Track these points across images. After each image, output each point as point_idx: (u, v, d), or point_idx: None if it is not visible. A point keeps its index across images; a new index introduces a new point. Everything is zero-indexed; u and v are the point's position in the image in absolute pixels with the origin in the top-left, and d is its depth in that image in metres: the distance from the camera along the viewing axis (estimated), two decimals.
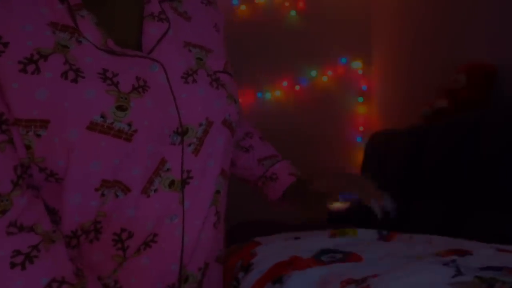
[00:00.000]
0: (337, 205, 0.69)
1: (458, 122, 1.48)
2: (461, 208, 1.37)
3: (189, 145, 0.55)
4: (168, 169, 0.54)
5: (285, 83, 2.47)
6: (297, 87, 2.49)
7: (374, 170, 2.03)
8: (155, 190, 0.53)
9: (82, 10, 0.52)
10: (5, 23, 0.48)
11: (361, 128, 2.57)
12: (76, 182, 0.50)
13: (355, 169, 2.46)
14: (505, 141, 1.25)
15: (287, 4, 2.47)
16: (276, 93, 2.47)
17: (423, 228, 0.70)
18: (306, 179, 0.73)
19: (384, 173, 1.91)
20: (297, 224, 1.40)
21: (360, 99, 2.58)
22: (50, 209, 0.52)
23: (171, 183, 0.54)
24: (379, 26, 2.51)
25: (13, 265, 0.46)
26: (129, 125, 0.50)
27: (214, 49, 0.63)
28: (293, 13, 2.49)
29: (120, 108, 0.50)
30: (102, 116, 0.49)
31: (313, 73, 2.50)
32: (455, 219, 1.35)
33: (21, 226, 0.48)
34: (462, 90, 1.54)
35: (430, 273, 0.44)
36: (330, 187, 0.66)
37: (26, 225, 0.49)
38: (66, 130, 0.47)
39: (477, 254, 0.49)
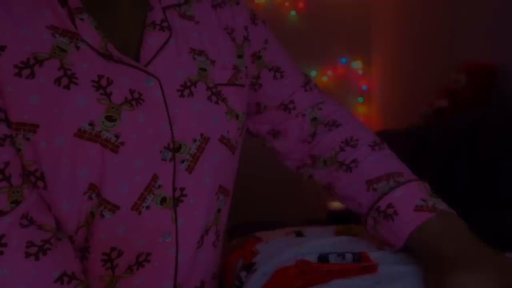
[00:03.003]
0: (337, 205, 0.65)
1: (458, 122, 1.48)
2: (461, 208, 1.36)
3: (182, 161, 0.53)
4: (159, 186, 0.52)
5: None
6: None
7: None
8: (147, 207, 0.51)
9: (82, 14, 0.51)
10: (3, 27, 0.47)
11: None
12: (64, 189, 0.49)
13: None
14: (505, 141, 1.25)
15: (287, 4, 2.47)
16: None
17: None
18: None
19: None
20: (298, 223, 1.40)
21: (360, 99, 2.58)
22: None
23: (163, 200, 0.52)
24: (379, 26, 2.51)
25: (27, 255, 0.46)
26: (116, 136, 0.49)
27: (221, 58, 0.60)
28: (293, 13, 2.49)
29: (109, 118, 0.49)
30: (91, 124, 0.48)
31: (313, 73, 2.50)
32: None
33: (31, 219, 0.48)
34: (462, 90, 1.54)
35: None
36: None
37: (36, 219, 0.49)
38: (54, 136, 0.47)
39: None
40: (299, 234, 0.65)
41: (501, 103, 1.50)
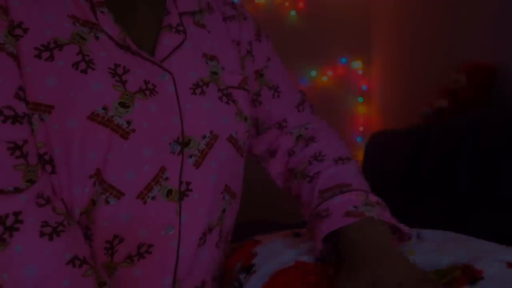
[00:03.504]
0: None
1: (458, 122, 1.48)
2: (461, 208, 1.37)
3: (190, 156, 0.55)
4: (166, 178, 0.53)
5: None
6: None
7: (374, 170, 2.03)
8: (153, 198, 0.52)
9: (103, 7, 0.53)
10: (28, 10, 0.50)
11: (361, 128, 2.57)
12: (74, 172, 0.50)
13: None
14: (505, 141, 1.25)
15: (287, 4, 2.47)
16: None
17: (423, 228, 0.69)
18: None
19: (384, 173, 1.91)
20: (297, 223, 1.40)
21: (360, 99, 2.59)
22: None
23: (169, 192, 0.53)
24: (379, 26, 2.51)
25: (42, 234, 0.47)
26: (128, 123, 0.50)
27: (230, 65, 0.63)
28: (293, 13, 2.49)
29: (123, 104, 0.50)
30: (104, 108, 0.49)
31: (313, 73, 2.50)
32: (455, 219, 1.35)
33: (48, 199, 0.49)
34: (462, 90, 1.54)
35: None
36: None
37: (52, 199, 0.50)
38: (67, 118, 0.48)
39: (489, 276, 0.46)
40: (297, 235, 0.65)
41: (501, 103, 1.50)
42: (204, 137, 0.56)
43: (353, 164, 0.64)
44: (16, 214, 0.45)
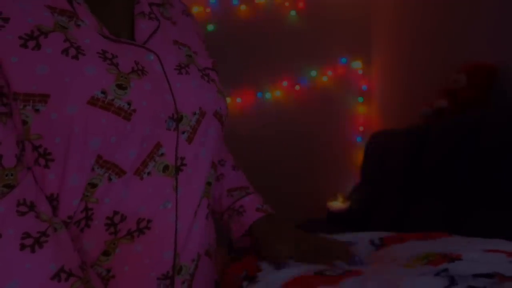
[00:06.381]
0: (336, 205, 0.67)
1: (458, 122, 1.48)
2: (461, 208, 1.37)
3: (183, 132, 0.57)
4: (162, 154, 0.54)
5: (285, 83, 2.47)
6: (297, 87, 2.49)
7: (374, 170, 2.03)
8: (149, 173, 0.53)
9: None
10: (4, 2, 0.49)
11: (361, 128, 2.57)
12: (75, 161, 0.49)
13: (355, 169, 2.47)
14: (505, 141, 1.25)
15: (287, 4, 2.47)
16: (276, 93, 2.48)
17: (423, 228, 0.69)
18: (272, 225, 0.68)
19: (384, 173, 1.91)
20: (297, 224, 1.40)
21: (360, 99, 2.59)
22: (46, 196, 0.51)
23: (165, 168, 0.55)
24: (379, 26, 2.51)
25: (22, 247, 0.44)
26: (129, 104, 0.51)
27: (199, 51, 0.67)
28: (293, 13, 2.49)
29: (120, 86, 0.50)
30: (103, 92, 0.49)
31: (313, 73, 2.50)
32: (455, 219, 1.35)
33: (31, 204, 0.47)
34: (462, 90, 1.54)
35: (423, 285, 0.43)
36: (277, 257, 0.61)
37: (36, 204, 0.48)
38: (67, 105, 0.47)
39: (466, 258, 0.48)
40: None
41: (501, 103, 1.50)
42: (195, 113, 0.58)
43: (241, 171, 0.81)
44: None
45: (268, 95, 2.47)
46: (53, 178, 0.49)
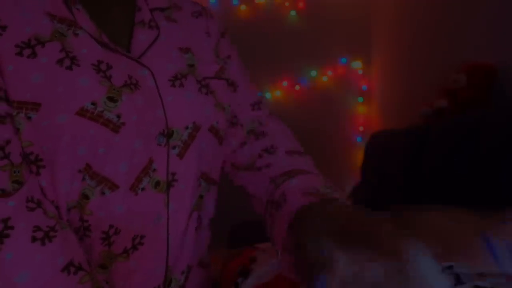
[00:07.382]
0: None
1: (458, 122, 1.48)
2: (461, 208, 1.37)
3: (174, 147, 0.56)
4: (154, 170, 0.54)
5: (285, 83, 2.47)
6: (297, 87, 2.49)
7: (374, 170, 2.03)
8: (143, 189, 0.53)
9: (77, 4, 0.53)
10: (4, 8, 0.49)
11: (361, 128, 2.57)
12: (63, 168, 0.50)
13: (355, 169, 2.47)
14: (505, 141, 1.25)
15: (287, 4, 2.47)
16: (276, 93, 2.47)
17: None
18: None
19: (384, 173, 1.91)
20: None
21: (360, 99, 2.59)
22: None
23: (157, 184, 0.55)
24: (379, 26, 2.51)
25: (33, 239, 0.46)
26: (118, 116, 0.51)
27: (205, 55, 0.65)
28: (293, 13, 2.49)
29: (111, 99, 0.51)
30: (93, 104, 0.49)
31: (313, 73, 2.50)
32: None
33: (39, 202, 0.48)
34: (462, 90, 1.54)
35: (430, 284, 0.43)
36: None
37: (43, 202, 0.49)
38: (56, 114, 0.48)
39: None
40: None
41: (501, 103, 1.50)
42: (187, 127, 0.57)
43: (308, 157, 0.63)
44: (5, 220, 0.44)
45: (268, 95, 2.47)
46: (45, 185, 0.50)
